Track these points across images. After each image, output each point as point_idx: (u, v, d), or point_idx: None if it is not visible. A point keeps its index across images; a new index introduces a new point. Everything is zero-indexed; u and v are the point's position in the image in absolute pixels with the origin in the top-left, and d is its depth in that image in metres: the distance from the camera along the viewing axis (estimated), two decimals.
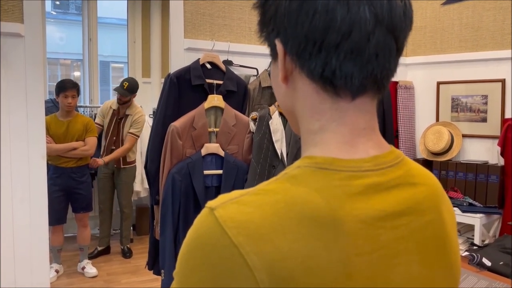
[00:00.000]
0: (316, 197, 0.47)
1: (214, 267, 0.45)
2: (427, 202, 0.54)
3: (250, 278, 0.44)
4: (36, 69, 2.37)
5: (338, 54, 0.49)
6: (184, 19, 2.58)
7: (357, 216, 0.47)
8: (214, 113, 2.37)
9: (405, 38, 0.53)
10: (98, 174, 4.22)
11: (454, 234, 0.57)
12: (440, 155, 3.14)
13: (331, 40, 0.48)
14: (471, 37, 3.12)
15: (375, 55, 0.49)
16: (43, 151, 2.44)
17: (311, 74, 0.51)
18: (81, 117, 3.73)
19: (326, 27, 0.48)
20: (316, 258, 0.44)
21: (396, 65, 0.53)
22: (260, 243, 0.44)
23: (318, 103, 0.53)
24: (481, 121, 3.07)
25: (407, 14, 0.53)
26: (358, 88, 0.51)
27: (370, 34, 0.48)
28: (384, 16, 0.49)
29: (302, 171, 0.50)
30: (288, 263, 0.44)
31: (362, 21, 0.48)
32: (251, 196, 0.48)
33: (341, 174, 0.49)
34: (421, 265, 0.51)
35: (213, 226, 0.46)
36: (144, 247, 4.39)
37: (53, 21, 9.71)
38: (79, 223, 3.78)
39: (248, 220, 0.45)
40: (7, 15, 2.28)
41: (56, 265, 3.71)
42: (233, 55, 2.67)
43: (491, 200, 2.88)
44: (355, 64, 0.49)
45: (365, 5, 0.48)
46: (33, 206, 2.42)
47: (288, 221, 0.45)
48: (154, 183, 2.33)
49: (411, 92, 3.41)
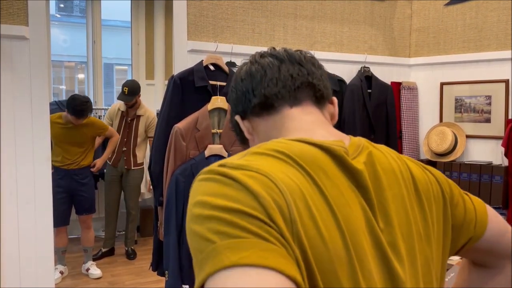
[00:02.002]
0: (297, 146, 0.60)
1: (255, 183, 0.54)
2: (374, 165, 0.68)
3: (277, 191, 0.53)
4: (41, 72, 2.38)
5: (262, 87, 0.73)
6: (188, 21, 2.59)
7: (338, 178, 0.60)
8: (217, 114, 2.38)
9: (311, 66, 0.76)
10: (106, 177, 4.23)
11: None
12: (444, 156, 3.14)
13: (254, 82, 0.74)
14: (475, 37, 3.11)
15: (290, 77, 0.73)
16: (48, 153, 2.45)
17: (257, 108, 0.74)
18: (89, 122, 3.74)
19: (249, 78, 0.76)
20: (303, 188, 0.56)
21: (317, 80, 0.75)
22: (273, 173, 0.55)
23: (268, 122, 0.74)
24: (484, 121, 3.06)
25: (305, 54, 0.78)
26: (293, 100, 0.73)
27: (278, 67, 0.73)
28: (283, 56, 0.75)
29: (282, 140, 0.64)
30: (295, 188, 0.55)
31: (269, 63, 0.74)
32: (249, 155, 0.61)
33: (314, 143, 0.63)
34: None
35: (215, 166, 0.57)
36: (148, 248, 4.40)
37: (58, 24, 9.76)
38: (83, 225, 3.79)
39: (258, 164, 0.57)
40: (12, 18, 2.30)
41: (60, 267, 3.72)
42: (236, 56, 2.68)
43: (495, 200, 2.87)
44: (276, 87, 0.73)
45: (268, 57, 0.76)
46: (38, 208, 2.43)
47: (278, 163, 0.58)
48: (158, 185, 2.34)
49: (415, 93, 3.40)
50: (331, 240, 0.54)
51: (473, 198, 0.80)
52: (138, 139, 4.16)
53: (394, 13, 3.36)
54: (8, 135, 2.34)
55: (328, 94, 0.77)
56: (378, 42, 3.30)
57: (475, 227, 0.76)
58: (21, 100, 2.35)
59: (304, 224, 0.53)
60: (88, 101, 3.57)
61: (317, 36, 3.03)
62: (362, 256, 0.57)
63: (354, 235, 0.57)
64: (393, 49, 3.38)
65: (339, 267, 0.54)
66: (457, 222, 0.74)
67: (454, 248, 0.76)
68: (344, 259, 0.55)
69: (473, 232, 0.76)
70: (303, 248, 0.52)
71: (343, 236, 0.56)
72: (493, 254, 0.78)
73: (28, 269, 2.43)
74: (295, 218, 0.52)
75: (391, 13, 3.35)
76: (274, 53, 0.77)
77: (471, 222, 0.76)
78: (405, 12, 3.41)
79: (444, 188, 0.74)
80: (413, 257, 0.64)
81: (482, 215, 0.77)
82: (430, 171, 0.75)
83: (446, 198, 0.73)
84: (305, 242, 0.52)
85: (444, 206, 0.72)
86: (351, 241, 0.56)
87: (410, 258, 0.64)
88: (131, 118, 4.13)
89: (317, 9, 3.02)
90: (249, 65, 0.77)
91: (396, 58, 3.37)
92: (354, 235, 0.57)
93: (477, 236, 0.76)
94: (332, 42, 3.10)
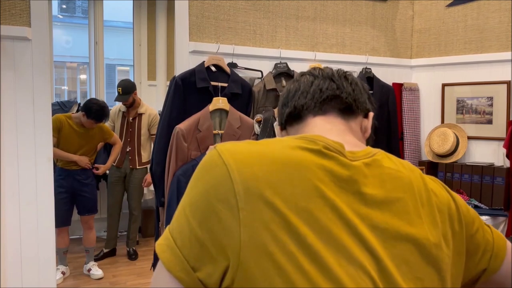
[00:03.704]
0: (289, 151, 0.65)
1: (210, 178, 0.63)
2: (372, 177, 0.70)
3: (230, 188, 0.60)
4: (43, 72, 2.39)
5: (294, 99, 0.82)
6: (189, 22, 2.60)
7: (323, 172, 0.63)
8: (219, 115, 2.39)
9: (344, 80, 0.82)
10: (109, 178, 4.23)
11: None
12: (446, 157, 3.14)
13: (290, 96, 0.84)
14: (476, 38, 3.11)
15: (319, 90, 0.80)
16: (50, 154, 2.46)
17: (287, 117, 0.83)
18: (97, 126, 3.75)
19: (287, 94, 0.85)
20: (283, 188, 0.60)
21: (346, 94, 0.80)
22: (242, 166, 0.62)
23: (292, 128, 0.83)
24: (486, 123, 3.06)
25: (340, 72, 0.84)
26: (317, 111, 0.79)
27: (311, 82, 0.82)
28: (317, 73, 0.83)
29: (288, 137, 0.70)
30: (261, 184, 0.60)
31: (305, 80, 0.83)
32: (246, 142, 0.68)
33: (316, 143, 0.67)
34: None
35: (213, 154, 0.65)
36: (149, 249, 4.40)
37: (60, 25, 9.78)
38: (85, 225, 3.79)
39: (238, 151, 0.64)
40: (15, 19, 2.31)
41: (62, 267, 3.72)
42: (238, 57, 2.68)
43: (497, 202, 2.87)
44: (305, 99, 0.80)
45: (306, 75, 0.85)
46: (40, 208, 2.44)
47: (265, 159, 0.63)
48: (160, 185, 2.35)
49: (416, 94, 3.40)
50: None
51: (494, 231, 0.79)
52: (141, 138, 4.16)
53: (396, 14, 3.36)
54: (10, 136, 2.35)
55: (360, 107, 0.81)
56: (379, 43, 3.30)
57: (490, 259, 0.75)
58: (23, 101, 2.36)
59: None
60: (107, 107, 3.66)
61: (318, 37, 3.03)
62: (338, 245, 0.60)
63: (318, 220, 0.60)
64: (395, 50, 3.38)
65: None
66: (472, 250, 0.74)
67: (467, 276, 0.75)
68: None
69: (487, 264, 0.75)
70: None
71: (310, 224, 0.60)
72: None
73: (30, 269, 2.43)
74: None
75: (393, 14, 3.35)
76: (312, 71, 0.85)
77: (486, 253, 0.75)
78: (407, 13, 3.41)
79: (462, 210, 0.73)
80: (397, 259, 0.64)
81: (500, 247, 0.77)
82: (448, 191, 0.75)
83: (462, 220, 0.72)
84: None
85: (460, 226, 0.71)
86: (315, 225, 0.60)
87: (389, 255, 0.63)
88: (133, 118, 4.13)
89: (319, 10, 3.02)
90: (290, 83, 0.86)
91: (397, 59, 3.37)
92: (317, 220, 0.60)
93: (492, 268, 0.75)
94: (334, 43, 3.10)
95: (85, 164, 3.67)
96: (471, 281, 0.76)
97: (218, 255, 0.58)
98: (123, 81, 4.07)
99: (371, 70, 3.10)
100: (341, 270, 0.58)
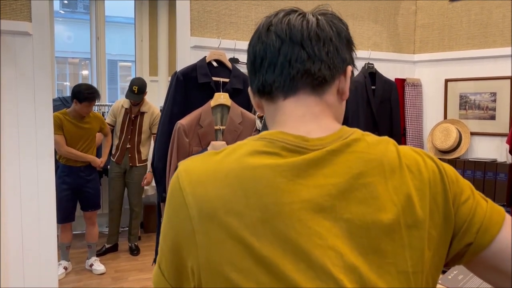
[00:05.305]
0: (245, 160, 0.63)
1: (170, 207, 0.65)
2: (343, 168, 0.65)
3: (186, 214, 0.62)
4: (45, 68, 2.39)
5: (262, 72, 0.72)
6: (191, 17, 2.59)
7: (279, 173, 0.61)
8: (220, 111, 2.38)
9: (316, 44, 0.71)
10: (109, 174, 4.24)
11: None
12: (448, 153, 3.12)
13: (256, 64, 0.72)
14: (480, 34, 3.09)
15: (288, 63, 0.69)
16: (51, 150, 2.46)
17: (257, 93, 0.74)
18: (92, 114, 3.75)
19: (253, 59, 0.73)
20: (236, 203, 0.60)
21: (319, 64, 0.70)
22: (196, 187, 0.62)
23: (268, 109, 0.75)
24: (489, 118, 3.05)
25: (310, 28, 0.73)
26: (287, 90, 0.71)
27: (278, 49, 0.70)
28: (285, 35, 0.71)
29: (249, 140, 0.67)
30: (213, 204, 0.60)
31: (271, 43, 0.71)
32: (207, 154, 0.67)
33: (275, 143, 0.64)
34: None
35: (175, 177, 0.66)
36: (151, 244, 4.41)
37: (61, 20, 9.77)
38: (88, 221, 3.80)
39: (194, 171, 0.64)
40: (15, 14, 2.30)
41: (64, 262, 3.74)
42: (240, 53, 2.67)
43: (499, 198, 2.86)
44: (273, 74, 0.70)
45: (272, 34, 0.72)
46: (41, 204, 2.44)
47: (219, 174, 0.62)
48: (161, 181, 2.34)
49: (419, 90, 3.39)
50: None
51: (491, 205, 0.71)
52: (142, 136, 4.16)
53: (398, 9, 3.34)
54: (11, 132, 2.35)
55: (338, 70, 0.72)
56: (382, 39, 3.28)
57: (478, 232, 0.67)
58: (24, 97, 2.36)
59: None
60: (93, 86, 3.65)
61: None
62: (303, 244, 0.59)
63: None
64: (398, 45, 3.36)
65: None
66: (458, 222, 0.68)
67: (453, 252, 0.69)
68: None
69: (473, 238, 0.67)
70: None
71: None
72: (501, 273, 0.67)
73: (32, 265, 2.44)
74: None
75: (396, 9, 3.32)
76: (278, 30, 0.72)
77: (473, 225, 0.67)
78: (409, 8, 3.39)
79: (448, 181, 0.68)
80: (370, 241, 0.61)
81: (493, 222, 0.68)
82: (434, 161, 0.70)
83: (448, 191, 0.67)
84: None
85: (444, 199, 0.67)
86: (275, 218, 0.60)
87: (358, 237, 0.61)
88: (135, 115, 4.13)
89: (321, 4, 3.00)
90: (256, 39, 0.74)
91: (400, 55, 3.36)
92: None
93: (478, 244, 0.67)
94: None
95: (99, 164, 3.71)
96: (457, 256, 0.69)
97: (190, 276, 0.63)
98: (138, 79, 4.07)
99: (373, 66, 3.08)
100: (299, 276, 0.57)
